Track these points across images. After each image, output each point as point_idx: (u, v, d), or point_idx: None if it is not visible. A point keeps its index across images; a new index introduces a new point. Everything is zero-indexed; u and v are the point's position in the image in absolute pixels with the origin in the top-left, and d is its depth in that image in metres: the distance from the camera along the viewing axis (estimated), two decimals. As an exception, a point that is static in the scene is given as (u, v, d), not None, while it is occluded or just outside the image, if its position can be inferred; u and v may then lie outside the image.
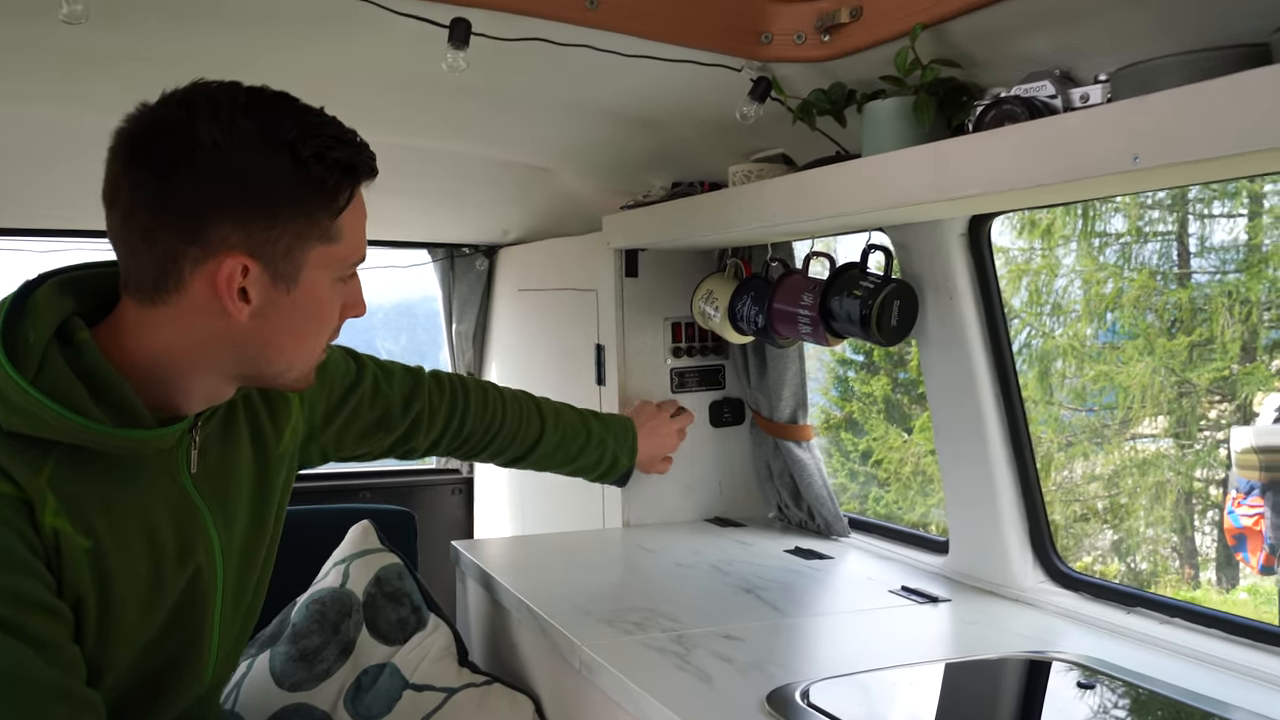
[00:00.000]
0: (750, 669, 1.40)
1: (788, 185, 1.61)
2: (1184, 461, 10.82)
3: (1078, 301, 11.29)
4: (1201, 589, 9.87)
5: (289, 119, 1.08)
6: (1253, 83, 0.90)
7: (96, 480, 1.08)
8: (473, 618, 2.04)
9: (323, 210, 1.10)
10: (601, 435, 1.96)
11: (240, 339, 1.11)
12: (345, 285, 1.18)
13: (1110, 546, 11.15)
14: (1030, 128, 1.16)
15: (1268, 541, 4.94)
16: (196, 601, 1.20)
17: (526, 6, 1.39)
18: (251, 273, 1.07)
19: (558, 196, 2.51)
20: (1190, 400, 10.78)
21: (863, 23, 1.41)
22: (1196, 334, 10.49)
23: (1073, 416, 11.56)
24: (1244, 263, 10.65)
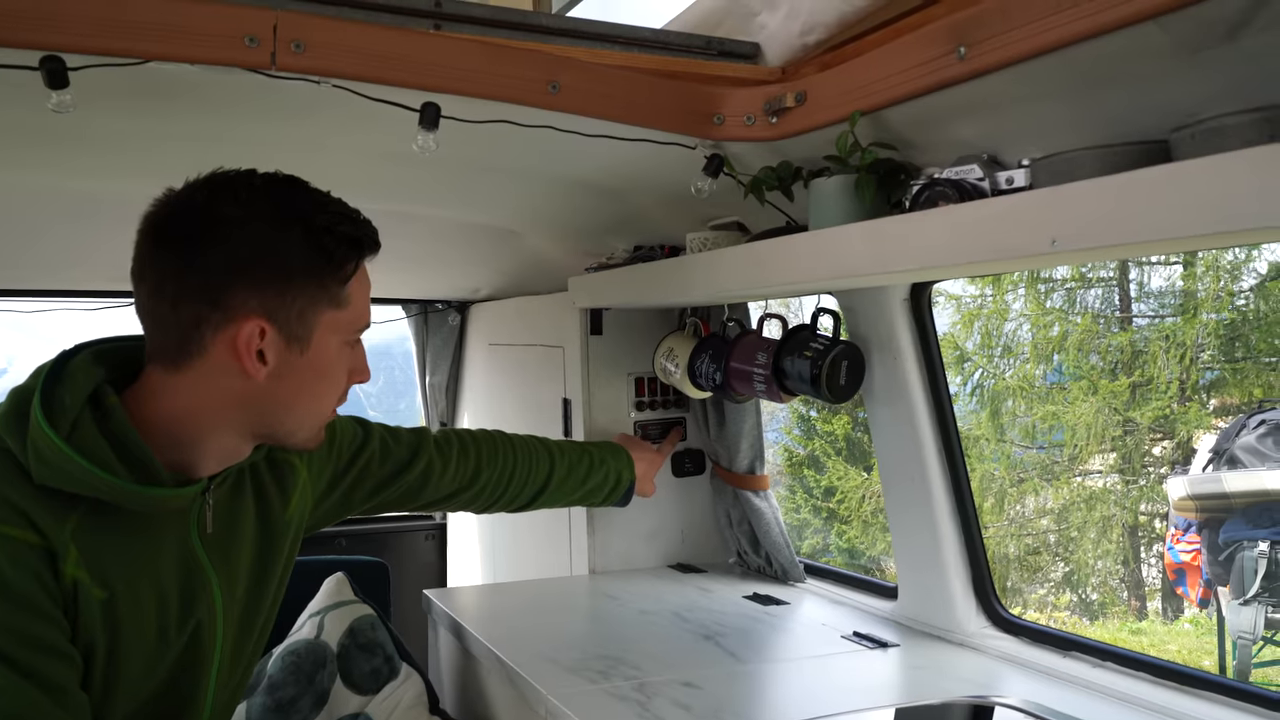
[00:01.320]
0: (707, 716, 1.42)
1: (740, 255, 1.65)
2: (1129, 496, 10.93)
3: (1026, 344, 11.44)
4: (1148, 619, 9.94)
5: (302, 198, 1.18)
6: (1155, 178, 0.95)
7: (115, 536, 1.12)
8: (444, 665, 2.04)
9: (331, 278, 1.16)
10: (602, 457, 1.96)
11: (256, 398, 1.16)
12: (351, 351, 1.24)
13: (1062, 578, 11.22)
14: (959, 209, 1.21)
15: (1204, 576, 5.00)
16: (196, 659, 1.22)
17: (492, 92, 1.42)
18: (268, 335, 1.13)
19: (526, 257, 2.54)
20: (1134, 438, 10.92)
21: (806, 108, 1.46)
22: (1137, 375, 10.66)
23: (1024, 454, 11.66)
24: (1180, 308, 10.86)
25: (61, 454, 1.06)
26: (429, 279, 2.91)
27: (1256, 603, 4.62)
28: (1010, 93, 1.21)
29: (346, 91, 1.37)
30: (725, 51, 1.61)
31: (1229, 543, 4.78)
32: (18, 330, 3.27)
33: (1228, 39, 0.96)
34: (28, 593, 1.04)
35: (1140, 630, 9.26)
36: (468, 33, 1.43)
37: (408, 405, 3.32)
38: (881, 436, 1.86)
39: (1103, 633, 9.46)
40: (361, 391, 4.32)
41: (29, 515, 1.05)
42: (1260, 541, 4.66)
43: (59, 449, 1.06)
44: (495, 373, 2.90)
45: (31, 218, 2.10)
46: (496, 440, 1.81)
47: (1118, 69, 1.08)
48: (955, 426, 1.77)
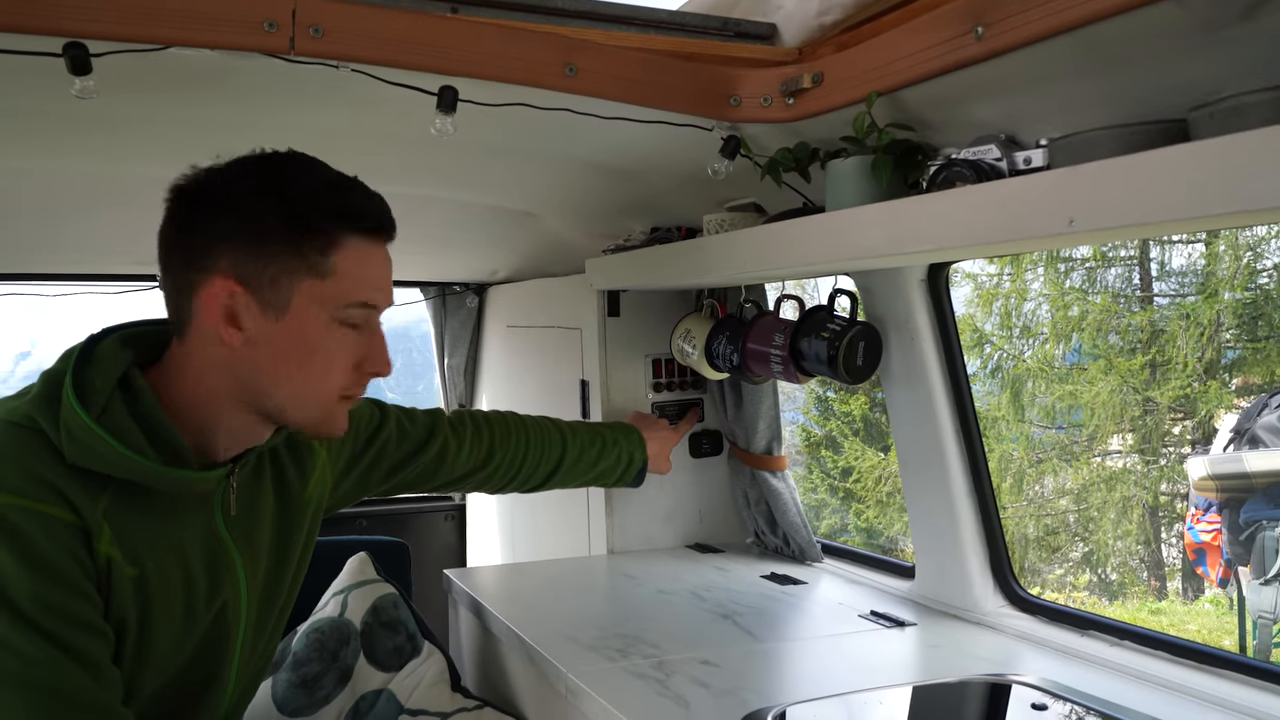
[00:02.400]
0: (725, 694, 1.43)
1: (757, 236, 1.65)
2: (1149, 476, 10.88)
3: (1045, 324, 11.38)
4: (1167, 599, 9.91)
5: (291, 168, 1.20)
6: (1174, 158, 0.95)
7: (144, 516, 1.15)
8: (465, 644, 2.06)
9: (309, 246, 1.16)
10: (614, 438, 1.97)
11: (238, 366, 1.17)
12: (357, 335, 1.21)
13: (1081, 558, 11.20)
14: (976, 190, 1.21)
15: (1225, 556, 4.97)
16: (221, 635, 1.25)
17: (509, 75, 1.42)
18: (239, 297, 1.14)
19: (543, 239, 2.55)
20: (1154, 418, 10.86)
21: (824, 88, 1.46)
22: (1155, 353, 10.59)
23: (1043, 434, 11.62)
24: (1201, 287, 10.76)
25: (93, 434, 1.08)
26: (447, 261, 2.92)
27: (1278, 583, 4.60)
28: (1028, 72, 1.20)
29: (365, 76, 1.37)
30: (742, 33, 1.60)
31: (1249, 522, 4.75)
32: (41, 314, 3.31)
33: (1246, 17, 0.96)
34: (65, 569, 1.06)
35: (1160, 610, 9.23)
36: (484, 16, 1.43)
37: (425, 387, 3.35)
38: (899, 417, 1.87)
39: (1122, 613, 9.44)
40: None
41: (65, 494, 1.07)
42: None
43: (90, 429, 1.08)
44: (513, 355, 2.91)
45: (54, 203, 2.12)
46: (510, 422, 1.83)
47: (1136, 48, 1.07)
48: (973, 407, 1.77)
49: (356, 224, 1.19)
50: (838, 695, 1.46)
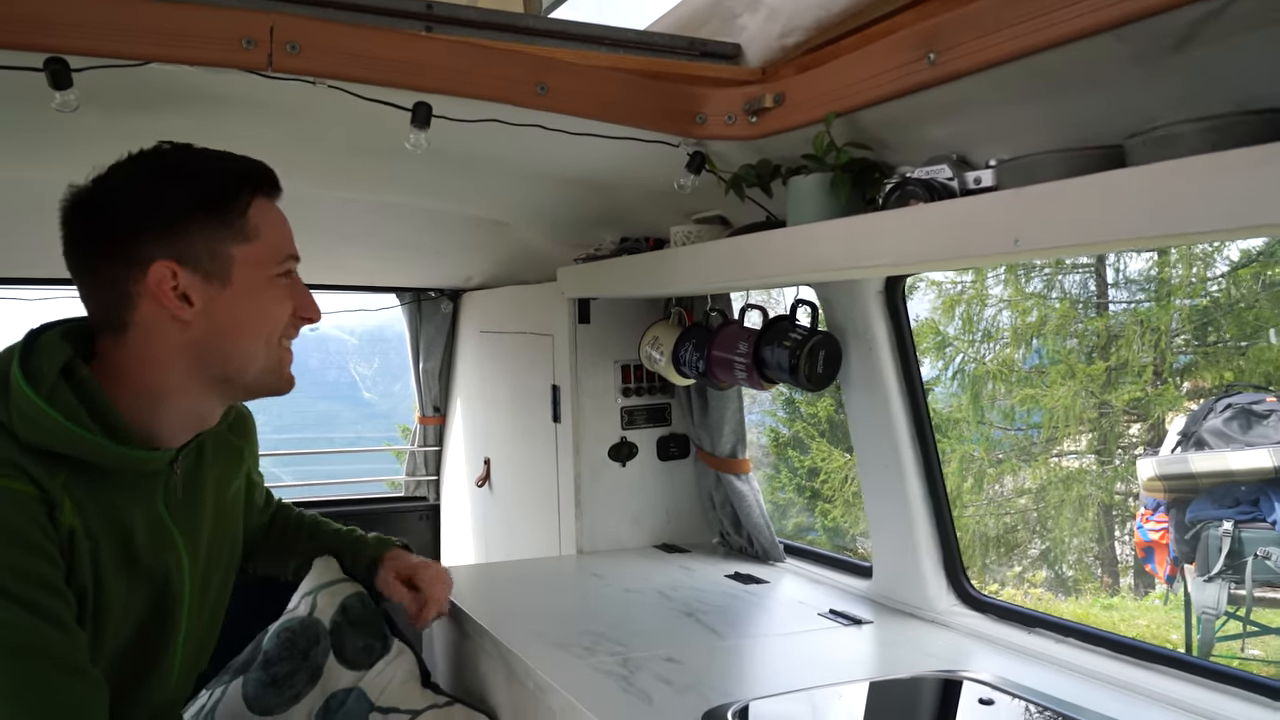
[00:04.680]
0: (688, 690, 1.45)
1: (722, 249, 1.68)
2: (1104, 476, 11.02)
3: (1006, 329, 11.50)
4: (1119, 595, 10.04)
5: (181, 153, 1.25)
6: (1111, 183, 0.98)
7: (96, 493, 1.19)
8: (437, 641, 2.07)
9: (226, 212, 1.23)
10: (357, 548, 1.81)
11: (199, 341, 1.23)
12: (290, 286, 1.30)
13: (1039, 555, 11.32)
14: (929, 209, 1.24)
15: (1172, 554, 5.08)
16: (166, 611, 1.29)
17: (482, 92, 1.44)
18: (181, 275, 1.20)
19: (516, 248, 2.57)
20: (1109, 420, 11.00)
21: (785, 108, 1.48)
22: (1113, 358, 10.73)
23: (1003, 435, 11.74)
24: (1154, 294, 10.92)
25: (43, 412, 1.12)
26: (422, 268, 2.93)
27: (1220, 579, 4.70)
28: (978, 97, 1.24)
29: (341, 91, 1.39)
30: (708, 52, 1.63)
31: (1195, 522, 4.86)
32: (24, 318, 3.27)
33: (1177, 50, 0.99)
34: (33, 538, 1.10)
35: (1112, 606, 9.36)
36: (458, 35, 1.45)
37: (402, 388, 3.36)
38: (857, 423, 1.90)
39: (1076, 608, 9.55)
40: (356, 374, 4.39)
41: (26, 470, 1.12)
42: (1224, 521, 4.73)
43: (40, 408, 1.12)
44: (487, 359, 2.92)
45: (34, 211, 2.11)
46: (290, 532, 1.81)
47: (1077, 77, 1.11)
48: (928, 414, 1.81)
49: (259, 185, 1.27)
50: (797, 691, 1.48)
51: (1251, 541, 4.68)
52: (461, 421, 3.14)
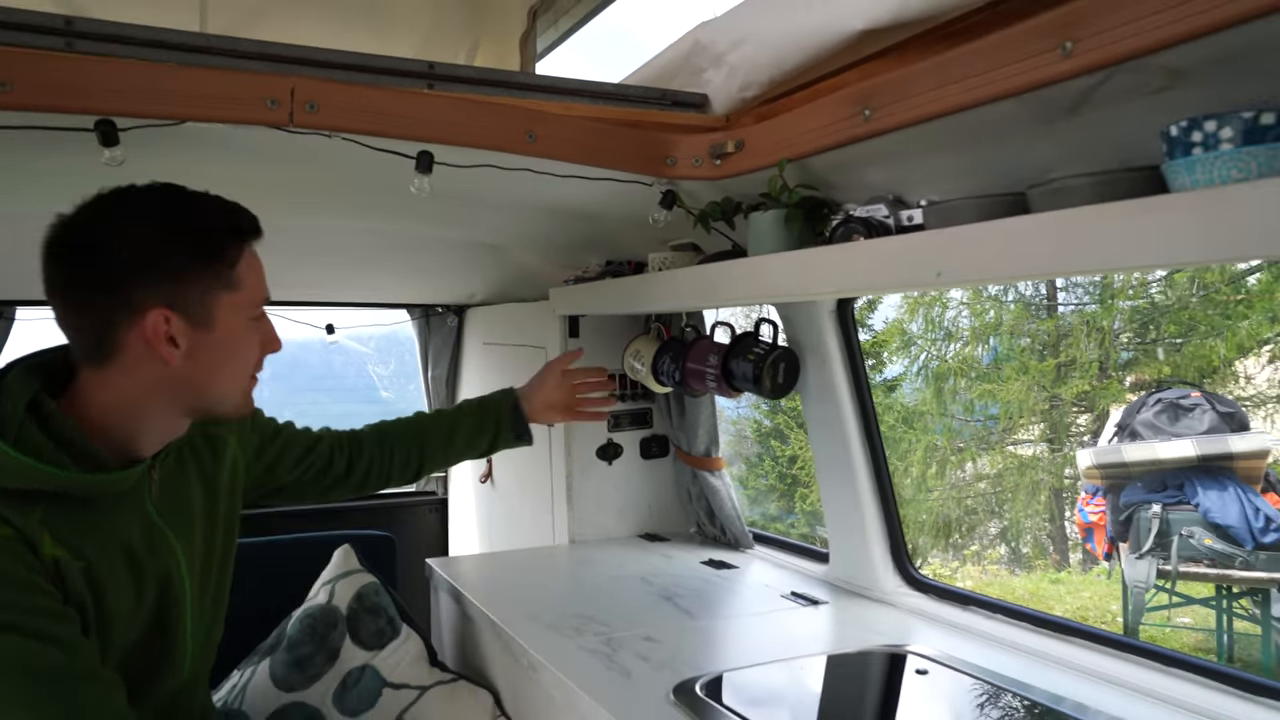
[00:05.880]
0: (663, 666, 1.51)
1: (692, 274, 1.74)
2: (1055, 463, 11.10)
3: (966, 329, 11.56)
4: (1066, 571, 10.13)
5: (183, 202, 1.22)
6: (1015, 227, 1.04)
7: (79, 516, 1.17)
8: (444, 624, 2.13)
9: (220, 264, 1.21)
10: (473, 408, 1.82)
11: (179, 379, 1.21)
12: (258, 325, 1.29)
13: (995, 536, 11.40)
14: (867, 244, 1.30)
15: (1109, 534, 5.15)
16: (170, 607, 1.29)
17: (478, 142, 1.49)
18: (173, 322, 1.18)
19: (513, 269, 2.62)
20: (1059, 411, 11.09)
21: (745, 153, 1.54)
22: (1063, 356, 10.81)
23: (963, 426, 11.81)
24: (1099, 296, 11.00)
25: (12, 458, 1.10)
26: (431, 286, 2.99)
27: (1150, 556, 4.78)
28: (908, 147, 1.30)
29: (353, 143, 1.44)
30: (678, 102, 1.69)
31: (1128, 505, 4.94)
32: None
33: (1071, 114, 1.06)
34: (20, 575, 1.09)
35: (1059, 580, 9.44)
36: (457, 91, 1.51)
37: (416, 388, 3.40)
38: (814, 427, 1.96)
39: (1028, 582, 9.62)
40: (374, 375, 4.44)
41: (1, 514, 1.10)
42: (1154, 504, 4.81)
43: (7, 454, 1.10)
44: (488, 368, 2.98)
45: None
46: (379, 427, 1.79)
47: (988, 134, 1.17)
48: (875, 418, 1.87)
49: (245, 237, 1.25)
50: (760, 664, 1.54)
51: (1177, 522, 4.76)
52: (466, 423, 3.19)
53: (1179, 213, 0.85)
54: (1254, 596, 5.02)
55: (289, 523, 2.66)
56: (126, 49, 1.29)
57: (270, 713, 1.67)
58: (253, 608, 1.67)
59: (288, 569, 1.88)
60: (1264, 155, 0.83)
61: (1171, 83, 0.95)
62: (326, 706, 1.65)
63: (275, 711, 1.66)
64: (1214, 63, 0.90)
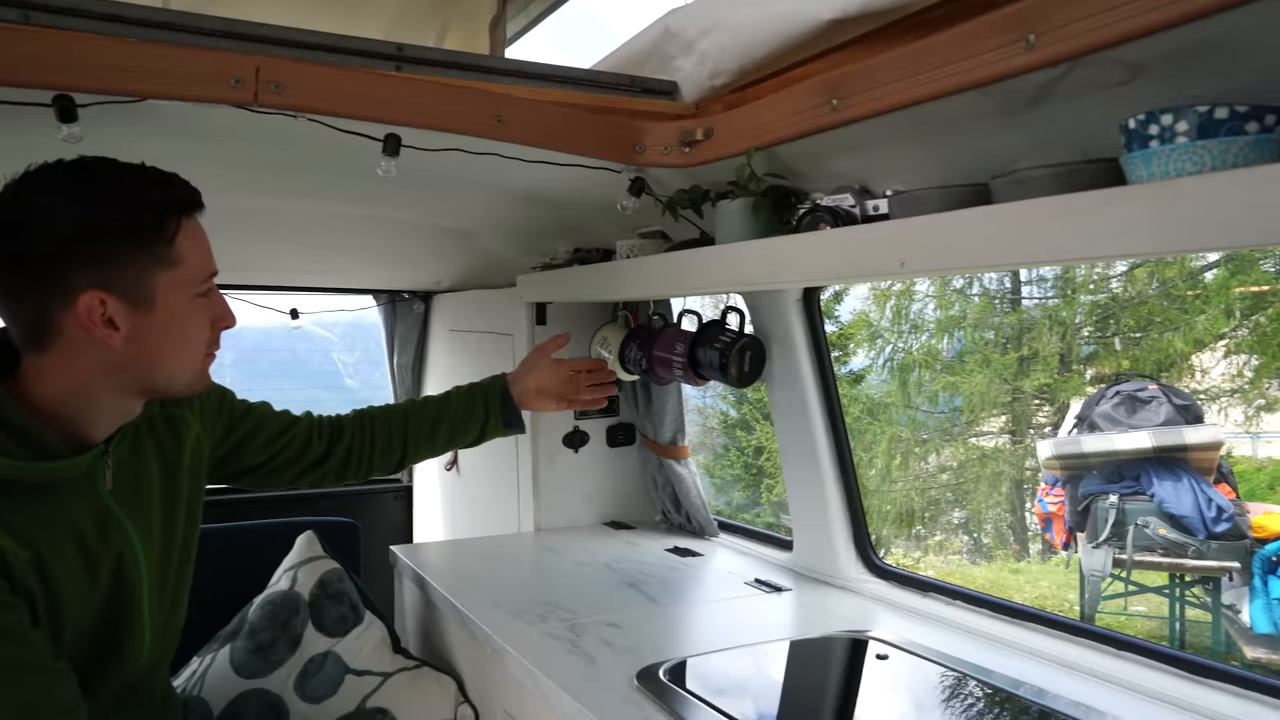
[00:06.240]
0: (627, 651, 1.52)
1: (660, 262, 1.74)
2: (1016, 454, 11.27)
3: (932, 322, 11.69)
4: (1026, 560, 10.29)
5: (109, 175, 1.15)
6: (977, 217, 1.06)
7: (28, 503, 1.14)
8: (408, 611, 2.12)
9: (155, 241, 1.15)
10: (462, 396, 1.74)
11: (124, 362, 1.17)
12: (208, 300, 1.24)
13: (958, 525, 11.56)
14: (833, 233, 1.31)
15: (1068, 523, 5.25)
16: (126, 592, 1.26)
17: (445, 125, 1.48)
18: (109, 304, 1.13)
19: (481, 255, 2.61)
20: (1021, 403, 11.25)
21: (714, 141, 1.55)
22: (1025, 349, 10.97)
23: (927, 417, 11.95)
24: (1062, 290, 11.16)
25: None
26: (397, 272, 2.96)
27: (1106, 546, 4.88)
28: (874, 137, 1.31)
29: (320, 124, 1.43)
30: (647, 89, 1.68)
31: (1086, 495, 5.03)
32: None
33: (1032, 107, 1.07)
34: None
35: (1019, 570, 9.59)
36: (425, 74, 1.49)
37: (382, 375, 3.37)
38: (779, 416, 1.97)
39: (988, 571, 9.77)
40: (339, 362, 4.43)
41: None
42: (1111, 494, 4.92)
43: None
44: (455, 355, 2.97)
45: None
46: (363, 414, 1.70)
47: (953, 124, 1.19)
48: (840, 407, 1.89)
49: (183, 210, 1.19)
50: (724, 650, 1.56)
51: (1133, 512, 4.87)
52: (432, 411, 3.18)
53: (1136, 204, 0.87)
54: (1205, 585, 5.14)
55: (252, 509, 2.63)
56: (86, 23, 1.26)
57: (230, 700, 1.65)
58: (214, 594, 1.65)
59: (250, 555, 1.86)
60: (1217, 149, 0.84)
61: (1130, 77, 0.97)
62: (287, 693, 1.64)
63: (235, 698, 1.65)
64: (1171, 58, 0.92)
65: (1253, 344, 11.33)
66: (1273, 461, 11.16)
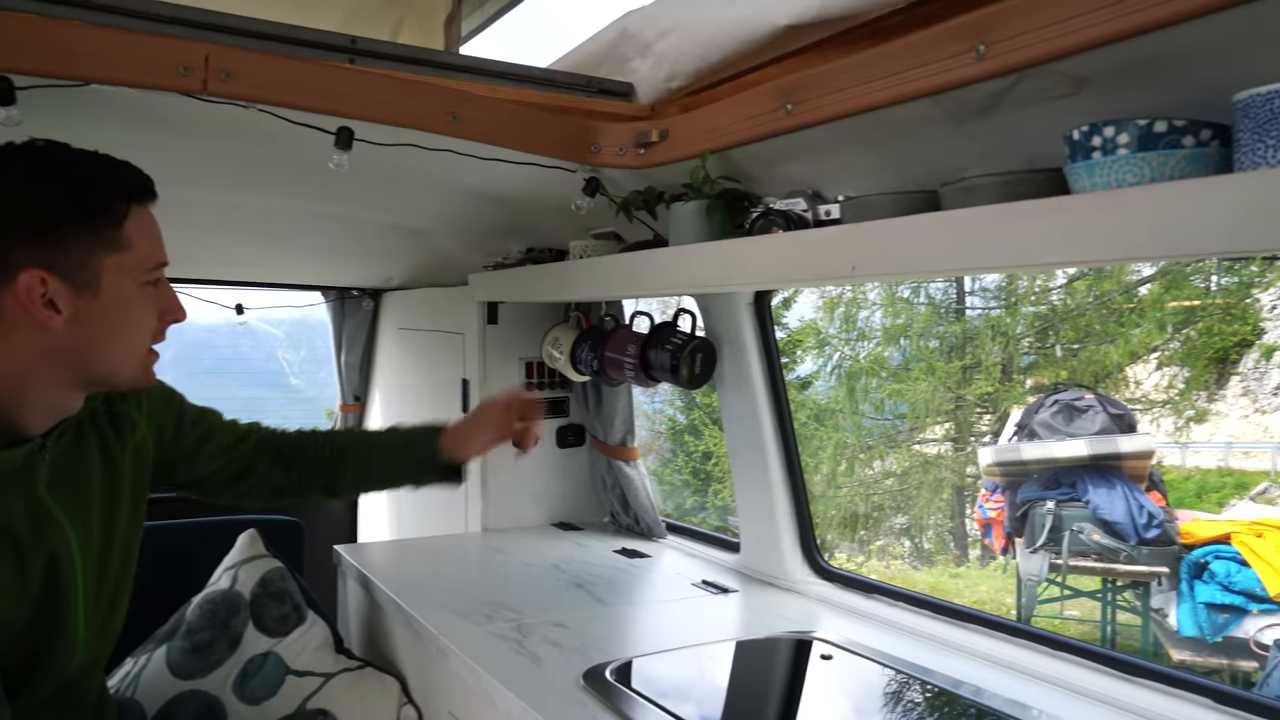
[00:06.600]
0: (573, 651, 1.51)
1: (613, 263, 1.74)
2: (958, 461, 11.49)
3: (879, 330, 11.87)
4: (966, 565, 10.50)
5: (57, 155, 1.13)
6: (926, 223, 1.08)
7: None
8: (351, 612, 2.09)
9: (101, 222, 1.13)
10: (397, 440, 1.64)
11: (64, 348, 1.13)
12: (156, 291, 1.21)
13: (901, 530, 11.75)
14: (785, 237, 1.32)
15: (1006, 529, 5.38)
16: (59, 592, 1.22)
17: (399, 120, 1.47)
18: (51, 284, 1.10)
19: (432, 254, 2.59)
20: (964, 411, 11.48)
21: (669, 143, 1.56)
22: (969, 358, 11.19)
23: (873, 424, 12.13)
24: (1005, 301, 11.42)
25: None
26: (347, 268, 2.92)
27: (1043, 551, 5.01)
28: (827, 142, 1.33)
29: (271, 115, 1.40)
30: (603, 90, 1.69)
31: (1025, 501, 5.16)
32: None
33: (982, 116, 1.10)
34: None
35: (959, 575, 9.78)
36: (379, 68, 1.48)
37: (328, 374, 3.32)
38: (729, 418, 1.99)
39: (929, 576, 9.94)
40: (284, 360, 4.34)
41: None
42: (1048, 500, 5.05)
43: None
44: (404, 354, 2.93)
45: None
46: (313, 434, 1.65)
47: (904, 132, 1.21)
48: (788, 410, 1.91)
49: (134, 195, 1.18)
50: (671, 650, 1.56)
51: (1069, 518, 5.00)
52: (380, 410, 3.14)
53: (1078, 213, 0.89)
54: (1136, 589, 5.30)
55: (192, 506, 2.57)
56: (27, 2, 1.23)
57: (165, 701, 1.61)
58: (151, 593, 1.60)
59: (189, 553, 1.82)
60: (1156, 161, 0.87)
61: (1075, 89, 1.00)
62: (225, 694, 1.61)
63: (171, 700, 1.61)
64: (1114, 72, 0.95)
65: (1183, 357, 11.73)
66: (1200, 471, 11.54)
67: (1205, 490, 10.87)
